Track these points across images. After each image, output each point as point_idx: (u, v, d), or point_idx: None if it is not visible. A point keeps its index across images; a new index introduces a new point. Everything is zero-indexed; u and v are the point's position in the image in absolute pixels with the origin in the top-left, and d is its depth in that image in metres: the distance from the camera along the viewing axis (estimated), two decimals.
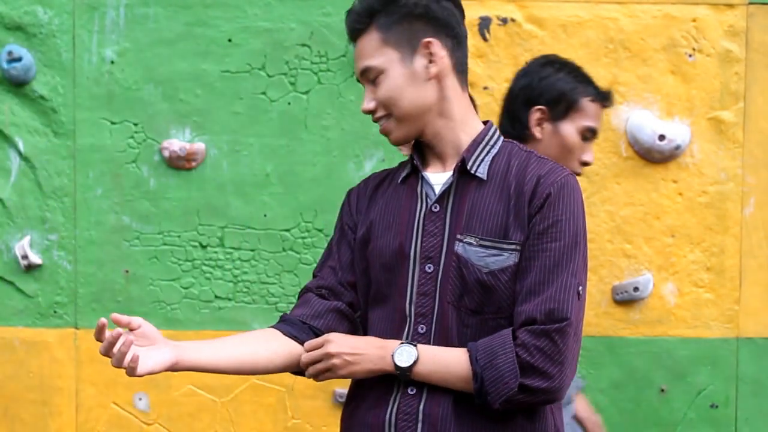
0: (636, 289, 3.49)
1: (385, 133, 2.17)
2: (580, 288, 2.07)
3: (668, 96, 3.49)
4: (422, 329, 2.10)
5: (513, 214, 2.08)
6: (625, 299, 3.50)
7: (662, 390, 3.53)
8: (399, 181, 2.20)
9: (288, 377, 3.46)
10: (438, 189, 2.14)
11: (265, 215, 3.51)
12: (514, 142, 2.20)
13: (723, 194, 3.50)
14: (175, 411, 3.53)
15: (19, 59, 3.44)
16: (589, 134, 2.85)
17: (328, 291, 2.23)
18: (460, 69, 2.17)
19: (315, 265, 3.48)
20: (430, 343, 2.09)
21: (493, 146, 2.15)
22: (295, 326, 2.20)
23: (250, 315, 3.51)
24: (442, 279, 2.09)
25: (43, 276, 3.51)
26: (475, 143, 2.14)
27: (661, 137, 3.45)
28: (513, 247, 2.07)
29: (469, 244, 2.08)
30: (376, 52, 2.12)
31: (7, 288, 3.52)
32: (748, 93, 3.49)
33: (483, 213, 2.09)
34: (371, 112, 2.15)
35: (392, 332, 2.13)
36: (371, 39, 2.13)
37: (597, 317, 3.50)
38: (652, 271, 3.51)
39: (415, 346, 2.08)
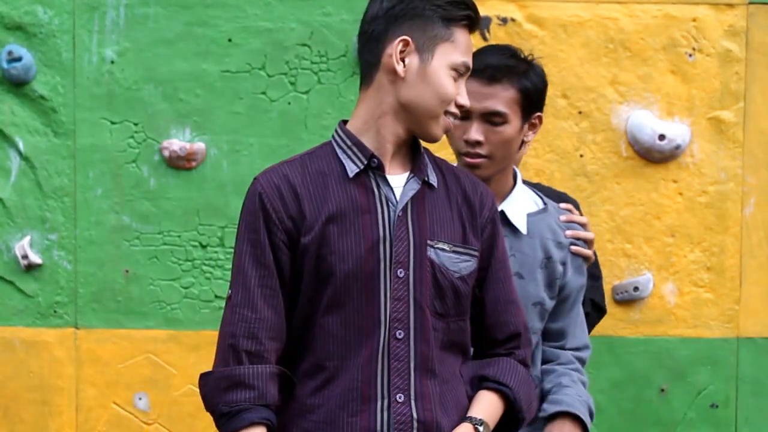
0: (636, 288, 3.49)
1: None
2: None
3: (668, 96, 3.49)
4: (400, 334, 2.08)
5: (468, 222, 2.16)
6: (625, 299, 3.50)
7: (662, 390, 3.53)
8: (350, 176, 2.11)
9: None
10: (398, 192, 2.11)
11: None
12: (425, 147, 2.23)
13: (723, 194, 3.50)
14: (175, 411, 3.53)
15: (19, 59, 3.44)
16: None
17: (283, 369, 2.11)
18: None
19: None
20: (409, 347, 2.08)
21: (423, 152, 2.19)
22: (266, 412, 2.09)
23: None
24: (415, 284, 2.09)
25: (43, 276, 3.51)
26: (421, 150, 2.17)
27: (661, 137, 3.45)
28: (475, 253, 2.15)
29: (442, 249, 2.11)
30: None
31: (7, 288, 3.52)
32: (748, 93, 3.49)
33: (442, 219, 2.13)
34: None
35: (359, 339, 2.08)
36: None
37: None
38: (652, 271, 3.51)
39: (481, 423, 2.12)
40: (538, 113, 2.45)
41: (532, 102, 2.41)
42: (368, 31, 2.10)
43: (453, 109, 2.10)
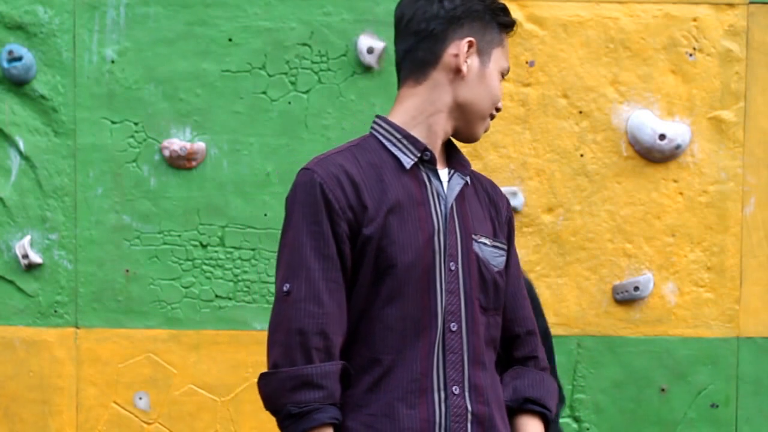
0: (636, 288, 3.49)
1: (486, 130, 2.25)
2: None
3: (669, 95, 3.49)
4: (454, 327, 2.11)
5: (495, 220, 2.23)
6: (626, 299, 3.50)
7: (662, 390, 3.53)
8: (408, 168, 2.13)
9: None
10: (444, 186, 2.15)
11: (265, 215, 3.51)
12: None
13: (723, 194, 3.50)
14: (176, 410, 3.53)
15: (20, 59, 3.44)
16: None
17: (331, 351, 2.08)
18: None
19: None
20: (462, 340, 2.11)
21: None
22: (335, 410, 2.08)
23: (250, 314, 3.51)
24: (464, 277, 2.12)
25: (44, 275, 3.51)
26: (455, 146, 2.23)
27: (662, 137, 3.45)
28: (505, 249, 2.23)
29: (485, 244, 2.17)
30: None
31: (7, 287, 3.52)
32: (748, 92, 3.49)
33: (478, 215, 2.19)
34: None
35: (416, 331, 2.09)
36: None
37: (597, 317, 3.50)
38: (653, 271, 3.51)
39: None
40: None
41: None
42: (426, 29, 2.12)
43: (494, 111, 2.18)
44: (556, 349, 3.51)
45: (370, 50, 3.44)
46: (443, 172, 2.17)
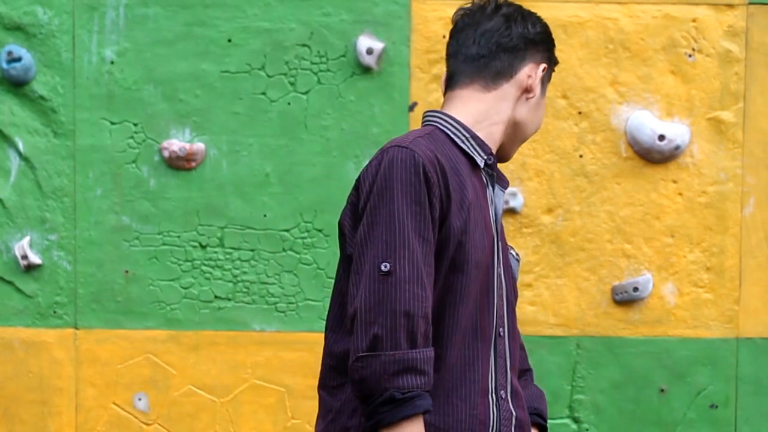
0: (636, 289, 3.49)
1: None
2: None
3: (668, 96, 3.49)
4: (502, 332, 2.14)
5: None
6: (625, 299, 3.50)
7: (662, 390, 3.53)
8: (482, 167, 2.15)
9: (288, 377, 3.47)
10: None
11: (264, 215, 3.51)
12: None
13: (723, 194, 3.50)
14: (175, 411, 3.53)
15: (19, 59, 3.44)
16: None
17: (430, 336, 2.03)
18: None
19: (314, 265, 3.50)
20: (506, 344, 2.15)
21: None
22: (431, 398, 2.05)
23: (249, 315, 3.51)
24: (506, 282, 2.17)
25: (43, 276, 3.51)
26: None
27: (661, 137, 3.45)
28: None
29: (510, 253, 2.25)
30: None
31: (6, 288, 3.52)
32: (747, 93, 3.49)
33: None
34: None
35: (476, 332, 2.08)
36: None
37: (597, 317, 3.50)
38: (652, 271, 3.51)
39: None
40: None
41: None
42: (509, 43, 2.18)
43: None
44: (556, 349, 3.52)
45: (370, 51, 3.44)
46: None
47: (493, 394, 2.10)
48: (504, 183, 2.24)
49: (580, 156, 3.50)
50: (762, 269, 3.52)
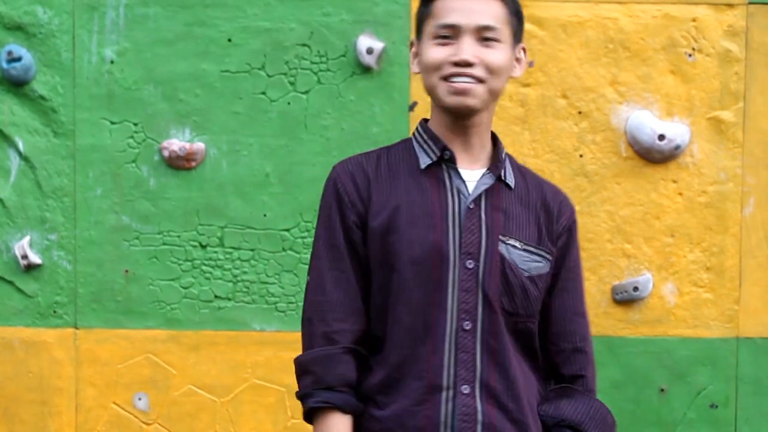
0: (636, 288, 3.49)
1: (464, 92, 2.12)
2: None
3: (668, 96, 3.49)
4: (468, 326, 2.10)
5: (544, 226, 2.20)
6: (625, 299, 3.50)
7: (662, 390, 3.53)
8: (422, 168, 2.16)
9: (288, 377, 3.47)
10: (470, 186, 2.16)
11: (264, 215, 3.51)
12: (509, 154, 2.28)
13: (723, 194, 3.50)
14: (175, 411, 3.53)
15: (19, 59, 3.44)
16: None
17: (355, 347, 2.15)
18: None
19: None
20: (476, 339, 2.10)
21: (506, 155, 2.24)
22: (327, 394, 2.14)
23: (249, 315, 3.51)
24: (484, 276, 2.11)
25: (43, 276, 3.51)
26: (500, 150, 2.22)
27: (661, 137, 3.45)
28: (550, 256, 2.19)
29: (514, 246, 2.15)
30: (500, 21, 2.15)
31: (6, 288, 3.52)
32: (747, 93, 3.49)
33: (518, 219, 2.17)
34: (468, 64, 2.11)
35: (425, 328, 2.10)
36: (497, 7, 2.15)
37: (597, 317, 3.50)
38: (652, 271, 3.51)
39: None
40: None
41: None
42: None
43: (446, 71, 2.11)
44: None
45: (370, 51, 3.44)
46: (475, 172, 2.17)
47: (450, 390, 2.08)
48: (495, 170, 2.17)
49: (580, 156, 3.50)
50: (762, 269, 3.52)
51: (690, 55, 3.48)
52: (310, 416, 2.14)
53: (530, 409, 2.16)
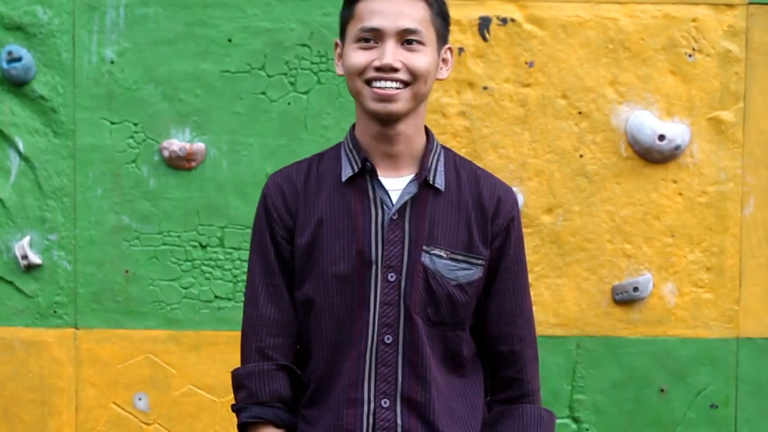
0: (636, 289, 3.49)
1: (388, 98, 2.08)
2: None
3: (668, 96, 3.49)
4: (389, 339, 2.08)
5: (476, 228, 2.13)
6: (625, 299, 3.50)
7: (662, 390, 3.53)
8: (343, 180, 2.12)
9: None
10: (394, 195, 2.11)
11: None
12: (450, 149, 2.22)
13: (723, 194, 3.50)
14: (175, 411, 3.53)
15: (19, 59, 3.44)
16: None
17: (289, 365, 2.16)
18: None
19: None
20: (398, 353, 2.08)
21: (439, 154, 2.17)
22: (258, 409, 2.15)
23: None
24: (406, 289, 2.08)
25: (43, 276, 3.51)
26: (429, 151, 2.15)
27: (661, 137, 3.45)
28: (480, 261, 2.13)
29: (438, 256, 2.10)
30: (424, 24, 2.09)
31: (6, 288, 3.52)
32: (748, 93, 3.49)
33: (445, 225, 2.12)
34: (392, 69, 2.07)
35: (348, 342, 2.09)
36: (421, 9, 2.10)
37: (597, 317, 3.50)
38: (652, 271, 3.51)
39: None
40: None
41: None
42: None
43: (369, 74, 2.09)
44: (556, 349, 3.52)
45: None
46: (400, 180, 2.12)
47: (371, 404, 2.08)
48: (419, 177, 2.10)
49: (580, 156, 3.50)
50: (762, 269, 3.52)
51: (690, 56, 3.48)
52: (243, 430, 2.17)
53: (457, 420, 2.13)
